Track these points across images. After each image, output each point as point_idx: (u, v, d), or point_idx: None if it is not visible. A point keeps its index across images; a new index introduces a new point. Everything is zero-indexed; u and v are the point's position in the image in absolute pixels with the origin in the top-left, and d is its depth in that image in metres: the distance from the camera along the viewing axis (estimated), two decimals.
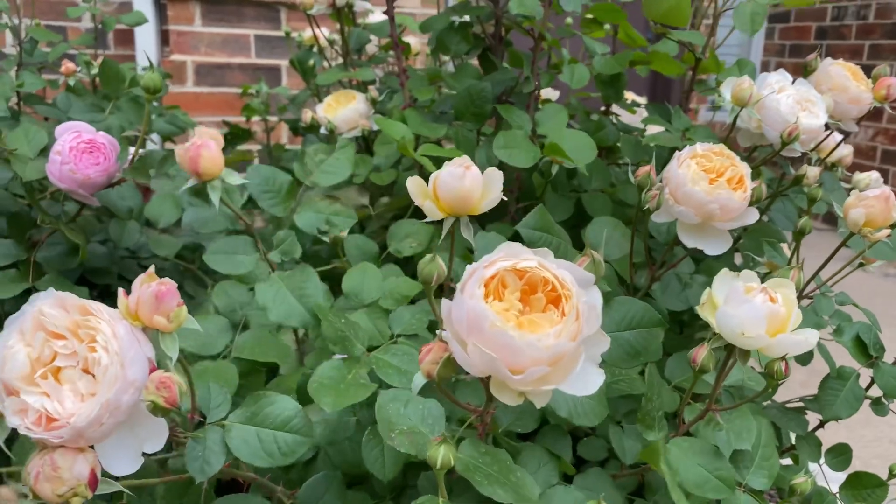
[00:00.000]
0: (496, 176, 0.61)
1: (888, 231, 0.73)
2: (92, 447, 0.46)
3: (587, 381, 0.45)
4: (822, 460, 0.91)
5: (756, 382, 0.73)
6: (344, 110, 1.09)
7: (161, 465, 0.70)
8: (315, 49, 1.42)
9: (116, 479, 0.48)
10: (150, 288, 0.47)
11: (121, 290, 0.49)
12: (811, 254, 0.88)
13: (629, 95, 1.31)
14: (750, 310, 0.53)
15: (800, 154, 0.87)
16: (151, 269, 0.49)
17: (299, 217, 0.74)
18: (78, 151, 0.84)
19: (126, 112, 1.10)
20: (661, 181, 0.74)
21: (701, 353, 0.56)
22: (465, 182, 0.59)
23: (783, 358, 0.55)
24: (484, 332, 0.42)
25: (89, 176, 0.84)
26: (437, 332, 0.50)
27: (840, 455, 0.91)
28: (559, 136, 0.91)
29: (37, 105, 1.23)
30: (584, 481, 0.68)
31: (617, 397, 0.73)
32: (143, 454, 0.49)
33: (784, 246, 0.90)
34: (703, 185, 0.70)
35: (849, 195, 0.77)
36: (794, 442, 0.91)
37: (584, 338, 0.44)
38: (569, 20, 1.18)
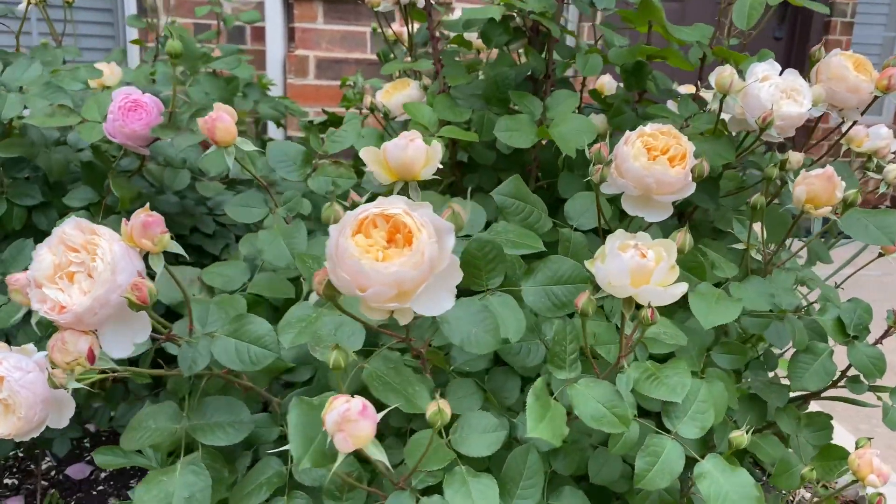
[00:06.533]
0: (437, 150, 0.73)
1: (829, 208, 0.77)
2: (95, 333, 0.64)
3: (439, 303, 0.56)
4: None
5: (670, 336, 0.79)
6: (398, 96, 1.22)
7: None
8: (395, 43, 1.57)
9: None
10: (139, 218, 0.64)
11: (123, 219, 0.66)
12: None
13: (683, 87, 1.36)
14: (618, 264, 0.62)
15: (780, 139, 0.90)
16: (147, 205, 0.66)
17: (312, 181, 0.89)
18: (125, 110, 1.03)
19: (203, 84, 1.27)
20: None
21: (582, 299, 0.65)
22: (408, 152, 0.72)
23: (649, 305, 0.63)
24: (345, 261, 0.55)
25: (135, 130, 1.03)
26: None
27: (820, 428, 0.93)
28: (563, 119, 1.00)
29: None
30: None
31: None
32: (135, 344, 0.66)
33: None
34: (643, 160, 0.77)
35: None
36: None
37: (437, 271, 0.55)
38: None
